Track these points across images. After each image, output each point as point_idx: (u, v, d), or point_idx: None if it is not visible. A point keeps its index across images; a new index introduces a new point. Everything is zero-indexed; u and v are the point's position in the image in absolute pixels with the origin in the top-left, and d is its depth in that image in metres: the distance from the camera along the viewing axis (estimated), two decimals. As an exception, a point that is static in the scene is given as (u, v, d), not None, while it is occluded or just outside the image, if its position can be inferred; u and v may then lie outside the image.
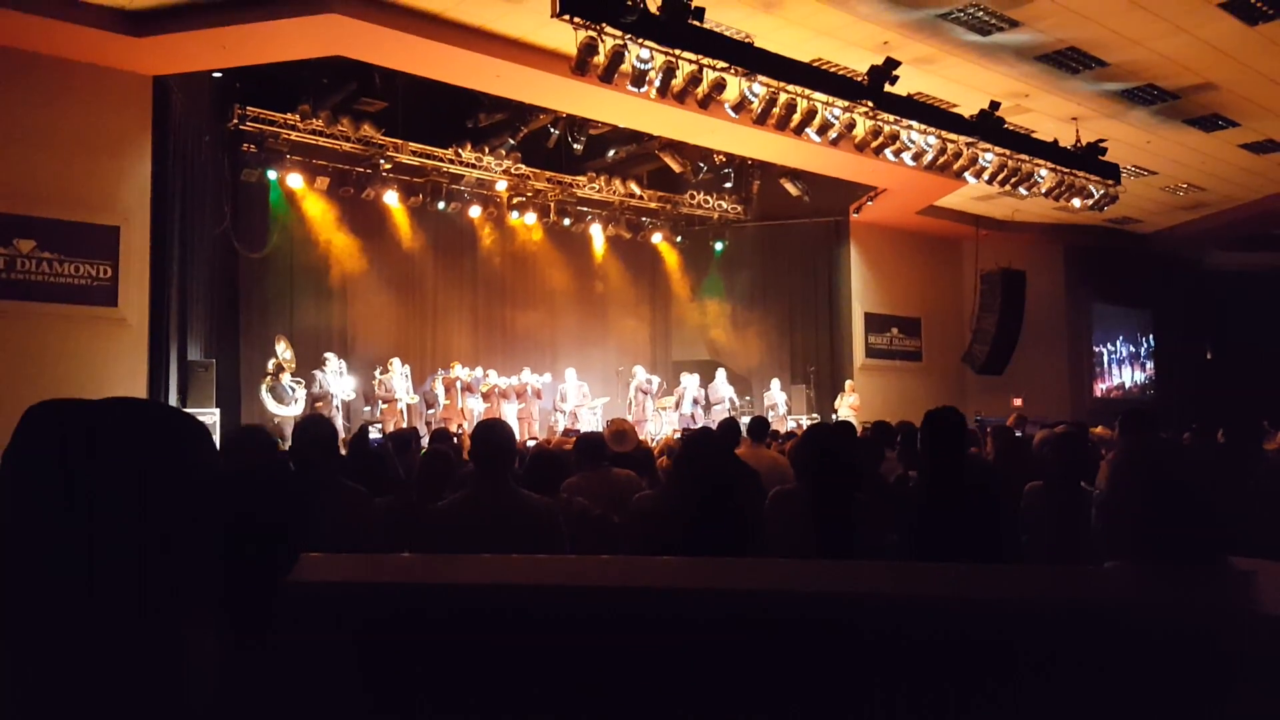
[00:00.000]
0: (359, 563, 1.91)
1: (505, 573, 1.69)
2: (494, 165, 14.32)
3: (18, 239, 9.61)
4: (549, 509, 3.44)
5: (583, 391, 14.58)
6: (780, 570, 1.67)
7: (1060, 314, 19.19)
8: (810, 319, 17.58)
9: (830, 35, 10.51)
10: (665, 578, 1.62)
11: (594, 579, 1.62)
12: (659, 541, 3.30)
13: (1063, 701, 1.26)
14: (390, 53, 10.43)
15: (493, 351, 15.52)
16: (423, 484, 4.33)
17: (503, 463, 3.43)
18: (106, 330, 10.13)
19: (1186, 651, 1.24)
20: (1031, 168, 13.25)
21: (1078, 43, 10.86)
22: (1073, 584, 1.51)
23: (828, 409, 15.89)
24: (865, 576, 1.60)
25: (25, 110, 9.61)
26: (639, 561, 2.19)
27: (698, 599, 1.42)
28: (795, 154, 13.65)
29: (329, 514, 3.57)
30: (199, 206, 11.61)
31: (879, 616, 1.34)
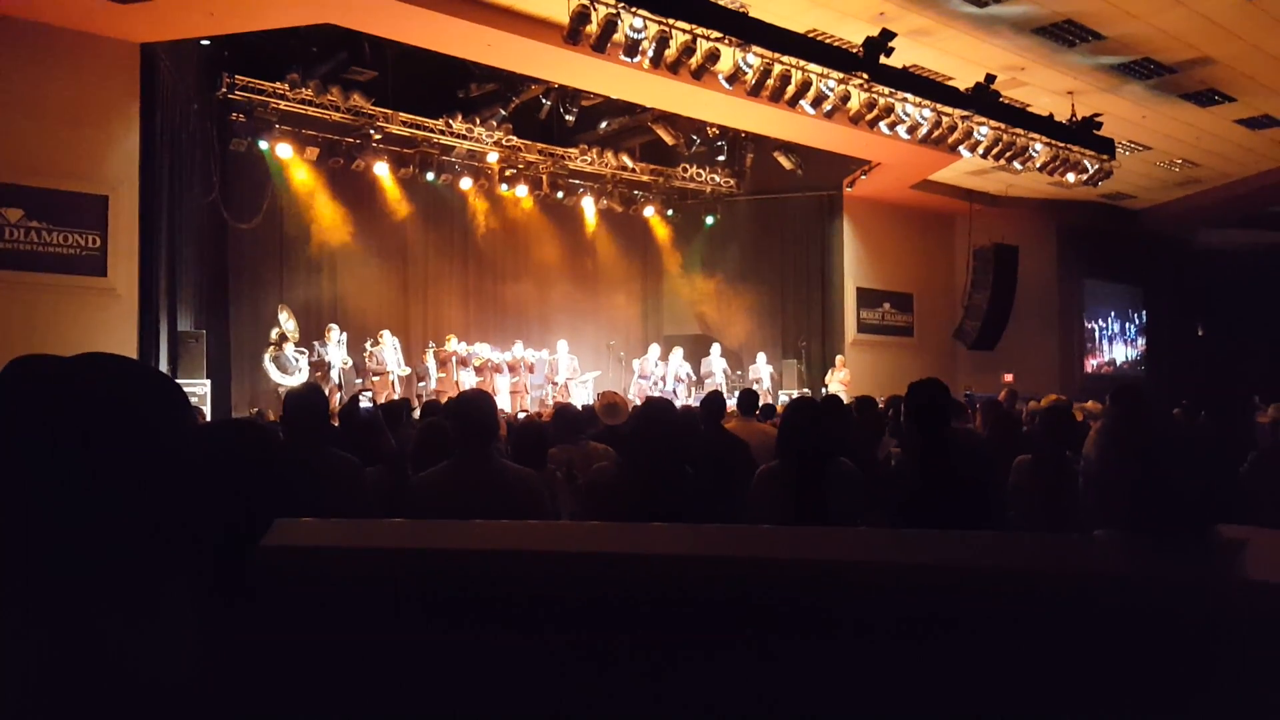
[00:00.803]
0: (345, 528, 1.90)
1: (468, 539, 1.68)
2: (485, 137, 14.20)
3: (5, 208, 9.52)
4: (532, 479, 3.44)
5: (574, 365, 14.57)
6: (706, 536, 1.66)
7: (1052, 290, 19.20)
8: (802, 294, 17.56)
9: (826, 6, 10.42)
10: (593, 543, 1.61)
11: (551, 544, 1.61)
12: (609, 511, 3.29)
13: (1034, 674, 1.25)
14: (380, 20, 10.31)
15: (484, 325, 15.48)
16: (419, 456, 4.33)
17: (484, 434, 3.41)
18: (96, 300, 10.07)
19: (1173, 621, 1.23)
20: (1026, 142, 13.21)
21: (1075, 15, 10.78)
22: (1049, 553, 1.50)
23: (819, 384, 15.91)
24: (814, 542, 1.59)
25: (12, 78, 9.49)
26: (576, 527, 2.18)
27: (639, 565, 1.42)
28: (789, 127, 13.58)
29: (319, 482, 3.56)
30: (188, 176, 11.51)
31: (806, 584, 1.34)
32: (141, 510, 1.07)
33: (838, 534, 1.89)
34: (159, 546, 1.09)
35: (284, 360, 11.73)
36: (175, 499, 1.10)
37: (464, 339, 14.09)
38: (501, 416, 5.89)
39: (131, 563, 1.06)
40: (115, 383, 1.13)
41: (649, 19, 9.22)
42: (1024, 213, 18.54)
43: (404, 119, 13.62)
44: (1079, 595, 1.28)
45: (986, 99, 12.16)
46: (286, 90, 12.43)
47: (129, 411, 1.11)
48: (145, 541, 1.07)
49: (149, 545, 1.08)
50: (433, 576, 1.47)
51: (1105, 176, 14.55)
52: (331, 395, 11.02)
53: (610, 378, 15.23)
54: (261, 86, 12.32)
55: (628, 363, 15.76)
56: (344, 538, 1.74)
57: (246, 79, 12.20)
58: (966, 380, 16.67)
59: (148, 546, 1.08)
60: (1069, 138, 13.51)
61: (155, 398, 1.15)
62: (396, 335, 13.10)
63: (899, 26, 10.55)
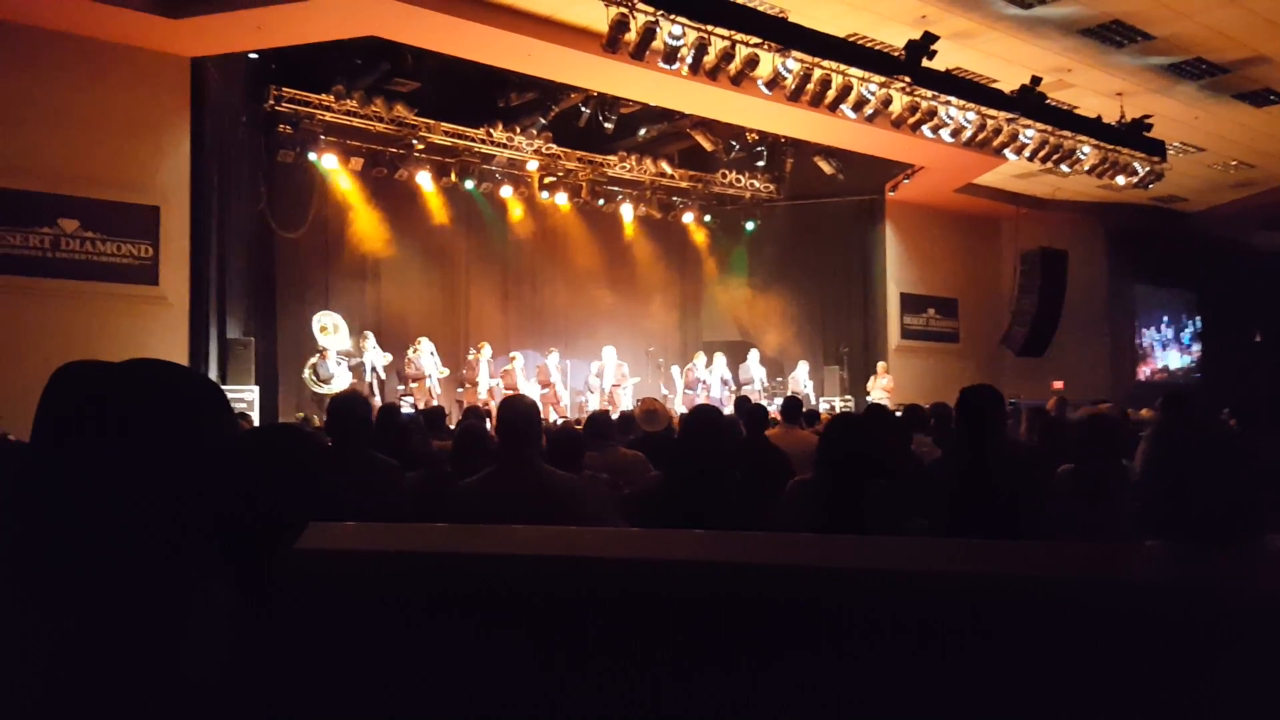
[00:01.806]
0: (386, 532, 1.92)
1: (519, 544, 1.68)
2: (525, 145, 14.31)
3: (61, 219, 9.79)
4: (573, 484, 3.45)
5: (622, 370, 14.58)
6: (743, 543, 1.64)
7: (1102, 295, 18.83)
8: (844, 299, 17.41)
9: (866, 9, 10.35)
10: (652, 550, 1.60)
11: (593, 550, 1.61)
12: (655, 520, 3.28)
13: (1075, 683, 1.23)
14: (422, 32, 10.43)
15: (523, 331, 15.56)
16: (457, 459, 4.37)
17: (527, 438, 3.43)
18: (148, 309, 10.30)
19: (1216, 631, 1.20)
20: (1074, 144, 13.00)
21: (1123, 16, 10.60)
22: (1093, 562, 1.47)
23: (861, 391, 15.76)
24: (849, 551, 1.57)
25: (67, 92, 9.76)
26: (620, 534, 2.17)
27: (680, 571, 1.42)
28: (830, 131, 13.50)
29: (360, 486, 3.61)
30: (236, 187, 11.76)
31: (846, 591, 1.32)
32: (182, 511, 1.09)
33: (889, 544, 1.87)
34: (197, 547, 1.10)
35: (322, 369, 11.91)
36: (215, 501, 1.12)
37: (503, 345, 14.19)
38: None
39: (170, 562, 1.08)
40: (159, 387, 1.15)
41: (687, 26, 9.22)
42: (1072, 216, 18.23)
43: (445, 129, 13.76)
44: (1127, 605, 1.25)
45: (1032, 101, 11.99)
46: (332, 102, 12.63)
47: (172, 414, 1.13)
48: (184, 542, 1.09)
49: (188, 545, 1.10)
50: (471, 580, 1.48)
51: (1156, 179, 14.27)
52: (370, 400, 11.15)
53: (649, 384, 15.22)
54: (307, 98, 12.53)
55: (666, 369, 15.74)
56: (380, 541, 1.76)
57: (293, 91, 12.42)
58: (1014, 387, 16.40)
59: (186, 546, 1.10)
60: (1118, 140, 13.27)
61: (198, 402, 1.17)
62: (436, 341, 13.23)
63: (941, 29, 10.44)
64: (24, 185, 9.56)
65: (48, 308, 9.63)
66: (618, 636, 1.39)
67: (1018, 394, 14.86)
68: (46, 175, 9.67)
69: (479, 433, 4.51)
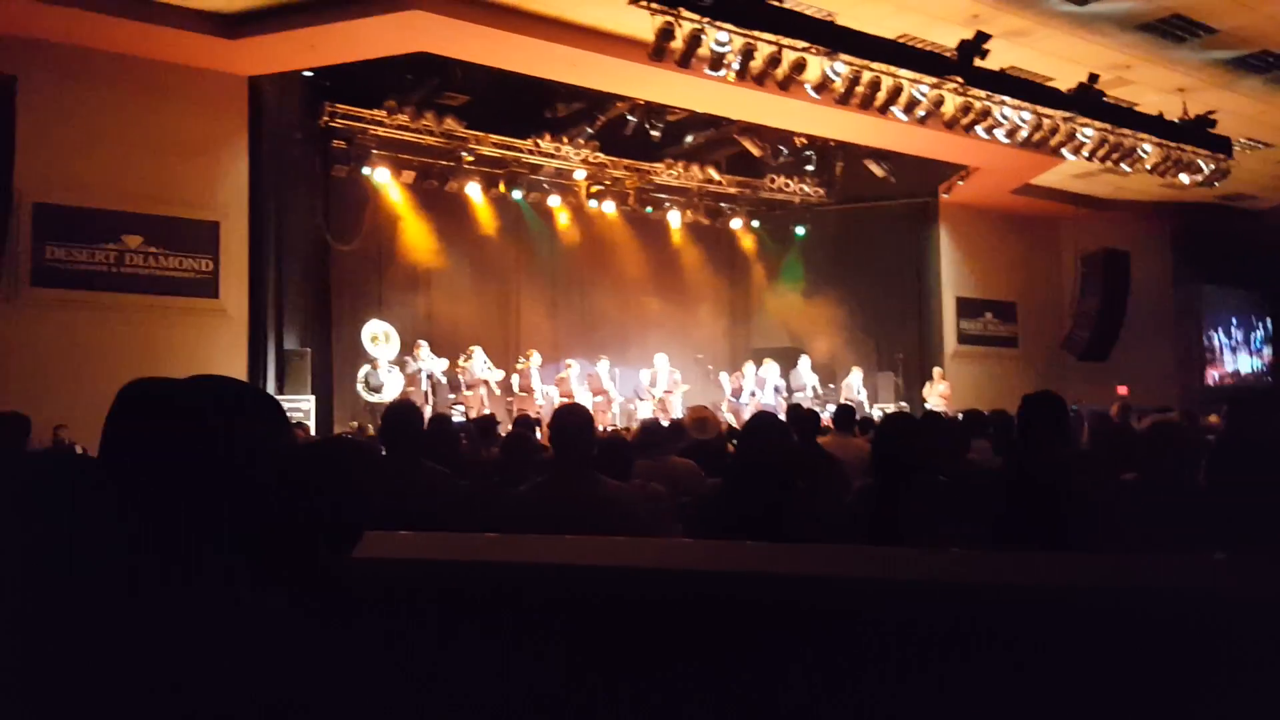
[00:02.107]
0: (438, 541, 1.93)
1: (573, 554, 1.68)
2: (572, 154, 14.41)
3: (125, 235, 10.09)
4: (626, 494, 3.43)
5: (674, 378, 14.57)
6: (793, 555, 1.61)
7: (1167, 296, 18.34)
8: (897, 304, 17.17)
9: (916, 10, 10.23)
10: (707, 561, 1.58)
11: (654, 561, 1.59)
12: (715, 529, 3.26)
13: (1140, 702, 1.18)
14: (471, 46, 10.56)
15: (572, 339, 15.61)
16: (504, 467, 4.39)
17: (581, 448, 3.43)
18: (208, 321, 10.56)
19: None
20: (1134, 143, 12.70)
21: (1183, 9, 10.33)
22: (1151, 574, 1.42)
23: (917, 397, 15.53)
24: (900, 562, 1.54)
25: (131, 113, 10.08)
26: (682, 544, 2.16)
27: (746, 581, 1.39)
28: (880, 134, 13.36)
29: (413, 495, 3.64)
30: (293, 201, 12.01)
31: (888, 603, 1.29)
32: (240, 522, 1.11)
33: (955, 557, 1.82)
34: (256, 555, 1.12)
35: (373, 378, 12.10)
36: (271, 512, 1.14)
37: (552, 353, 14.27)
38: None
39: (229, 570, 1.10)
40: (219, 401, 1.18)
41: (733, 32, 9.19)
42: (1135, 216, 17.80)
43: (494, 140, 13.93)
44: (1194, 620, 1.20)
45: (1090, 99, 11.74)
46: (384, 117, 12.86)
47: (232, 428, 1.15)
48: (241, 552, 1.11)
49: (245, 556, 1.11)
50: (525, 590, 1.47)
51: (1222, 176, 13.88)
52: (422, 409, 11.28)
53: (699, 391, 15.17)
54: (360, 114, 12.77)
55: (716, 376, 15.68)
56: (433, 550, 1.76)
57: (346, 107, 12.67)
58: (1076, 392, 16.04)
59: (243, 557, 1.11)
60: (1180, 137, 12.93)
61: (256, 415, 1.19)
62: (487, 350, 13.35)
63: (994, 28, 10.28)
64: (89, 203, 9.89)
65: (112, 321, 9.93)
66: (676, 648, 1.37)
67: (1080, 399, 14.54)
68: (111, 193, 9.97)
69: (526, 441, 4.53)
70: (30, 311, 9.53)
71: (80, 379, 9.25)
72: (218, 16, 9.80)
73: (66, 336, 9.64)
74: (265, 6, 9.69)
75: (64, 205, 9.75)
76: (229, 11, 9.76)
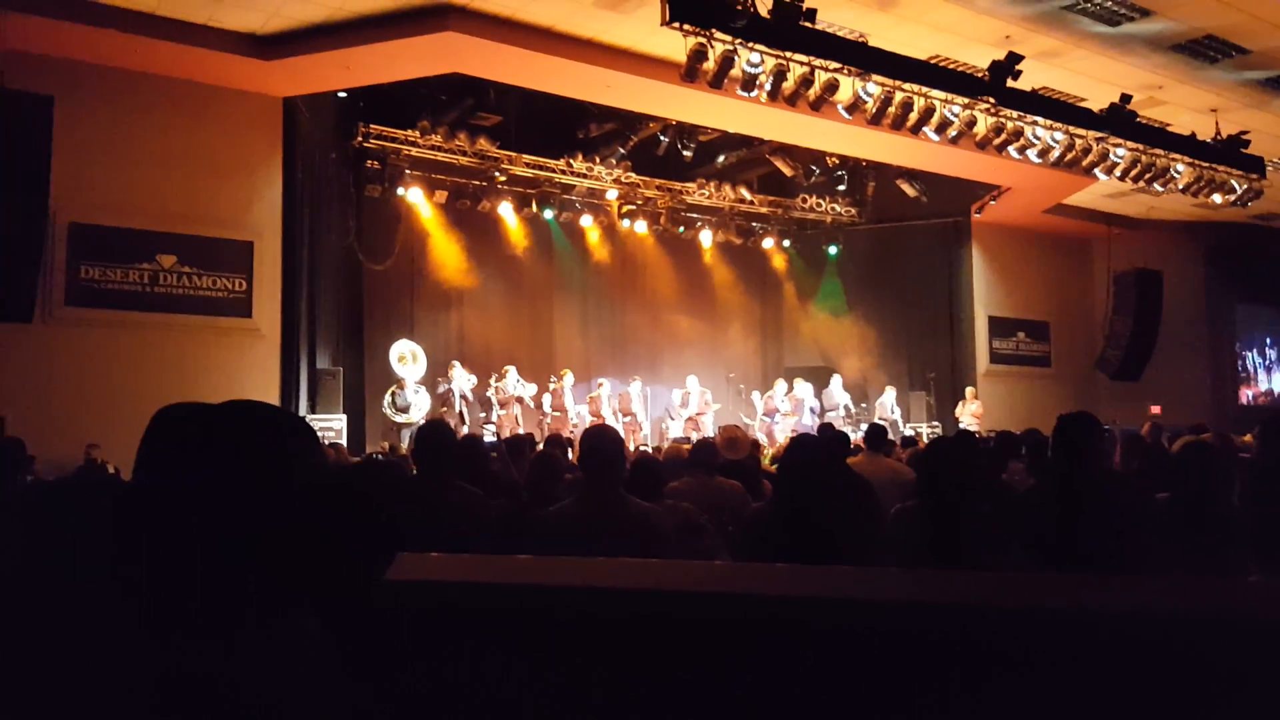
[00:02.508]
0: (470, 563, 1.93)
1: (602, 576, 1.67)
2: (605, 174, 14.48)
3: (160, 255, 10.21)
4: (656, 515, 3.42)
5: (705, 398, 14.54)
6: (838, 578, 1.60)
7: (1200, 316, 18.13)
8: (929, 323, 17.08)
9: (948, 31, 10.22)
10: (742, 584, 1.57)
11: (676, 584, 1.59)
12: (758, 551, 3.24)
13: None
14: (504, 67, 10.65)
15: (604, 358, 15.64)
16: (532, 487, 4.38)
17: (611, 469, 3.42)
18: (242, 340, 10.65)
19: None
20: (1167, 163, 12.59)
21: (1216, 30, 10.26)
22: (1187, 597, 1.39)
23: (949, 417, 15.41)
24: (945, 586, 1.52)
25: (166, 133, 10.22)
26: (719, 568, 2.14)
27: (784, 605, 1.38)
28: (912, 154, 13.33)
29: (445, 516, 3.64)
30: (326, 221, 12.13)
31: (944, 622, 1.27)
32: (272, 545, 1.11)
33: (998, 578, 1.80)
34: (287, 579, 1.13)
35: (400, 398, 12.16)
36: (302, 535, 1.14)
37: (585, 373, 14.28)
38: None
39: (261, 594, 1.10)
40: (251, 425, 1.19)
41: (766, 53, 9.21)
42: (1168, 236, 17.62)
43: (527, 160, 14.01)
44: (1231, 645, 1.18)
45: (1122, 119, 11.65)
46: (417, 137, 12.98)
47: (263, 453, 1.16)
48: (274, 574, 1.11)
49: (278, 578, 1.12)
50: (556, 612, 1.47)
51: (1255, 196, 13.71)
52: (456, 428, 11.31)
53: (730, 411, 15.13)
54: (394, 134, 12.89)
55: (747, 396, 15.63)
56: (465, 573, 1.76)
57: (380, 128, 12.80)
58: (1110, 412, 15.86)
59: (277, 579, 1.12)
60: (1213, 157, 12.81)
61: (289, 438, 1.20)
62: (520, 369, 13.38)
63: (1026, 49, 10.24)
64: (125, 223, 10.02)
65: (146, 340, 10.03)
66: (708, 674, 1.36)
67: (1114, 419, 14.36)
68: (146, 213, 10.11)
69: (555, 461, 4.52)
70: (65, 331, 9.65)
71: (114, 398, 9.38)
72: (253, 38, 9.96)
73: (101, 356, 9.76)
74: (300, 28, 9.83)
75: (99, 225, 9.89)
76: (264, 33, 9.91)
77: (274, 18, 9.59)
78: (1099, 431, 3.60)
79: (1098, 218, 17.15)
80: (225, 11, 9.40)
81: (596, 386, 13.86)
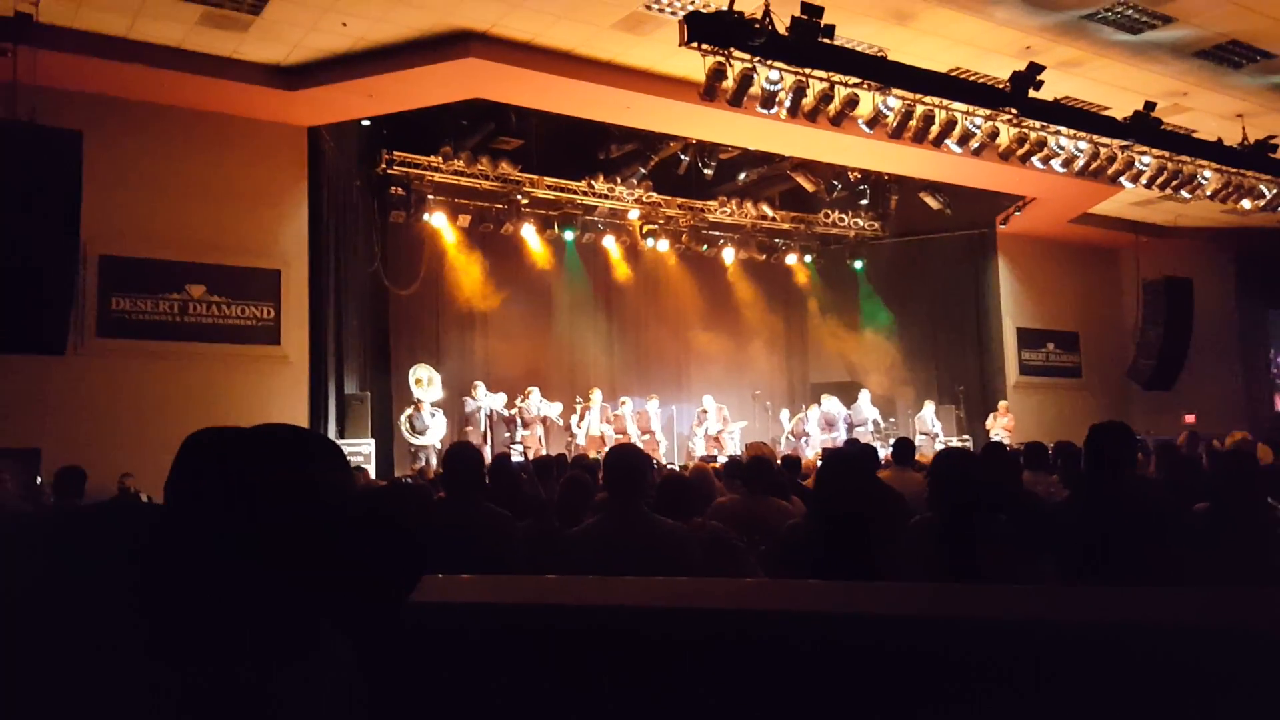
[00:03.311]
0: (497, 584, 1.93)
1: (622, 595, 1.66)
2: (626, 195, 14.55)
3: (189, 284, 10.34)
4: (681, 534, 3.41)
5: (723, 415, 14.51)
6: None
7: (1233, 324, 17.89)
8: (956, 336, 16.96)
9: (968, 43, 10.20)
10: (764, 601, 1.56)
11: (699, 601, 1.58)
12: (795, 568, 3.21)
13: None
14: (525, 91, 10.74)
15: (628, 377, 15.65)
16: (562, 508, 4.39)
17: (635, 488, 3.42)
18: (270, 367, 10.75)
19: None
20: (1194, 169, 12.47)
21: (1239, 35, 10.17)
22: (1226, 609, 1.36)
23: (979, 430, 15.26)
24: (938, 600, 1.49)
25: (193, 165, 10.37)
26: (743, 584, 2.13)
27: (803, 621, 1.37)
28: (935, 166, 13.28)
29: (473, 537, 3.65)
30: (351, 248, 12.25)
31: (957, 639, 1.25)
32: (301, 568, 1.12)
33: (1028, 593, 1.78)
34: (315, 602, 1.13)
35: (417, 421, 12.20)
36: (333, 555, 1.15)
37: (609, 392, 14.30)
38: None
39: (292, 614, 1.11)
40: (276, 448, 1.20)
41: (785, 70, 9.22)
42: (1197, 243, 17.44)
43: (549, 183, 14.11)
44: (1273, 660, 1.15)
45: (1147, 127, 11.55)
46: (440, 163, 13.12)
47: (297, 474, 1.17)
48: (305, 595, 1.12)
49: (305, 600, 1.12)
50: (583, 632, 1.47)
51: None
52: (481, 449, 11.34)
53: (757, 427, 15.07)
54: (417, 160, 13.03)
55: (774, 412, 15.57)
56: (492, 594, 1.76)
57: (403, 154, 12.94)
58: (1143, 422, 15.66)
59: (304, 602, 1.12)
60: (1241, 163, 12.67)
61: (321, 460, 1.21)
62: (544, 390, 13.41)
63: (1047, 59, 10.19)
64: (154, 254, 10.17)
65: (176, 370, 10.15)
66: (736, 692, 1.35)
67: (1147, 429, 14.18)
68: (175, 244, 10.25)
69: (584, 483, 4.53)
70: (97, 362, 9.77)
71: (146, 427, 9.50)
72: (277, 69, 10.11)
73: (132, 386, 9.87)
74: (323, 58, 9.97)
75: (129, 257, 10.03)
76: (288, 64, 10.06)
77: (297, 49, 9.73)
78: (1132, 441, 3.55)
79: (1125, 226, 17.00)
80: (249, 44, 9.55)
81: (620, 405, 13.87)
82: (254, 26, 9.16)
